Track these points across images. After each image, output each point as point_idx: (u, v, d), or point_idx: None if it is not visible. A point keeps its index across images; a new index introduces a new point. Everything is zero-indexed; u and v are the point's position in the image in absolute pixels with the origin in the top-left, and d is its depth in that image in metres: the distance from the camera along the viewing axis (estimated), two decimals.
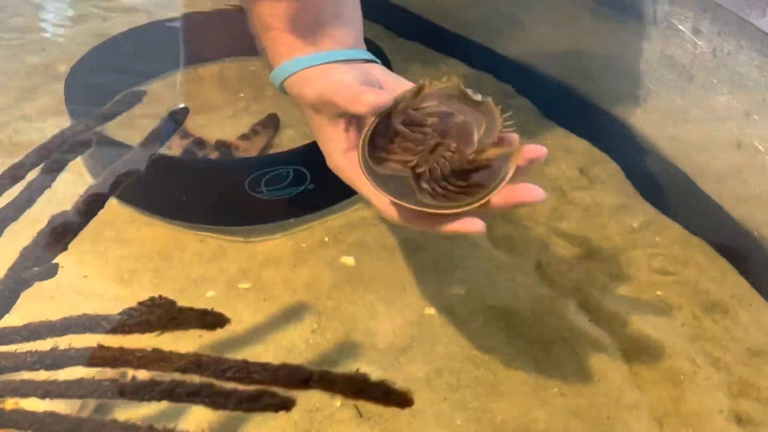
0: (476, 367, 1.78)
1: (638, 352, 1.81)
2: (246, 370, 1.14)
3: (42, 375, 1.26)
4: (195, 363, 1.17)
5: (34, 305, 1.37)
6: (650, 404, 1.71)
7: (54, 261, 1.45)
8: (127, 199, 2.17)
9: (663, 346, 1.82)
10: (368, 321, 1.87)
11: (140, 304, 1.28)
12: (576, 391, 1.73)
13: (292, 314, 1.88)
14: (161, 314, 1.25)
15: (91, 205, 1.56)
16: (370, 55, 1.66)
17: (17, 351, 1.28)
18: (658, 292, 1.97)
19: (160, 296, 1.28)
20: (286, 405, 1.10)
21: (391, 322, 1.86)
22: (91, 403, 1.57)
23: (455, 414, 1.68)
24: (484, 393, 1.72)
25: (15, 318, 1.37)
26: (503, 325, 1.87)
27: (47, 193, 1.64)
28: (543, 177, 2.36)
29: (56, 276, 1.44)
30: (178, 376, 1.18)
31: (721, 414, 1.69)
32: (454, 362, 1.78)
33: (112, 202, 2.13)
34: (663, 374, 1.77)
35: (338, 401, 1.59)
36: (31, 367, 1.25)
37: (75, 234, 1.49)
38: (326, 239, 2.11)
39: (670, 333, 1.86)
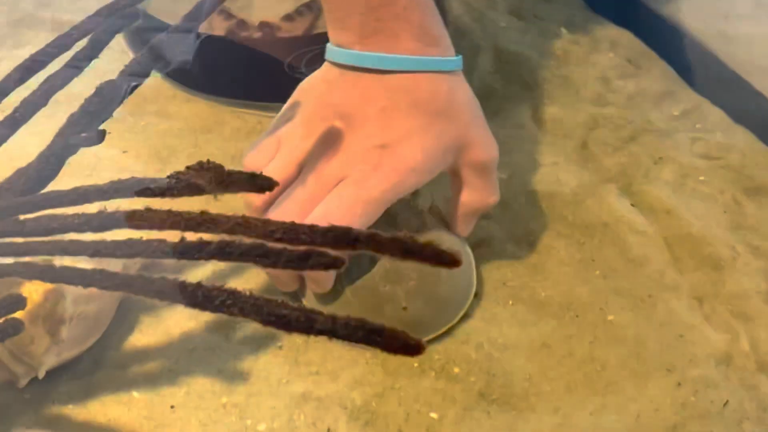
0: (518, 248, 1.79)
1: (679, 238, 1.82)
2: (294, 232, 1.13)
3: (89, 237, 1.26)
4: (243, 225, 1.16)
5: (74, 181, 1.37)
6: (690, 286, 1.72)
7: (101, 128, 1.45)
8: (168, 74, 2.16)
9: (704, 233, 1.82)
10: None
11: (188, 168, 1.27)
12: (617, 273, 1.74)
13: None
14: (210, 177, 1.24)
15: (136, 76, 1.54)
16: None
17: (65, 214, 1.28)
18: (701, 178, 1.97)
19: (208, 160, 1.27)
20: (336, 264, 1.09)
21: (431, 200, 1.86)
22: (134, 268, 1.58)
23: (498, 290, 1.70)
24: (526, 272, 1.74)
25: None
26: (545, 208, 1.88)
27: (91, 68, 1.63)
28: (587, 64, 2.34)
29: (95, 150, 1.44)
30: (226, 237, 1.17)
31: (759, 295, 1.70)
32: (494, 242, 1.79)
33: (154, 78, 2.13)
34: (703, 260, 1.78)
35: None
36: (79, 229, 1.25)
37: (121, 101, 1.49)
38: None
39: (711, 219, 1.86)
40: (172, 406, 1.49)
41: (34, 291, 1.41)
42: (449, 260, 1.06)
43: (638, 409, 1.50)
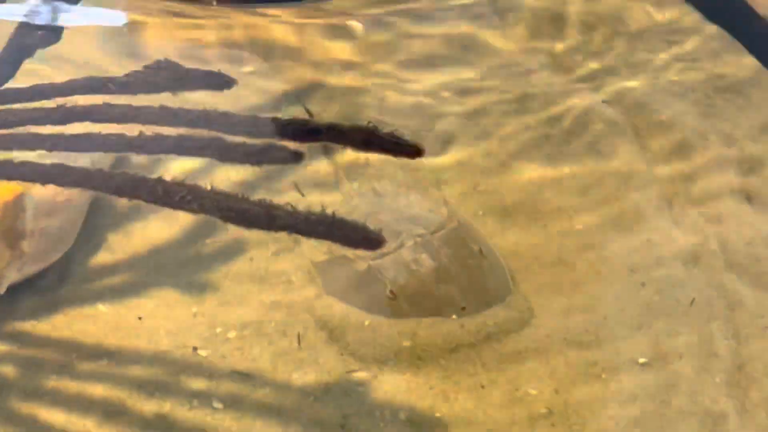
0: (487, 154, 1.78)
1: (650, 130, 1.81)
2: (255, 125, 1.12)
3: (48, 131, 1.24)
4: (203, 117, 1.15)
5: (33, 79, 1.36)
6: (660, 184, 1.71)
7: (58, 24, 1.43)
8: None
9: (674, 124, 1.82)
10: (377, 97, 1.88)
11: (146, 67, 1.25)
12: (587, 171, 1.74)
13: (299, 88, 1.89)
14: (167, 75, 1.22)
15: None
16: None
17: (23, 107, 1.26)
18: (674, 78, 1.95)
19: (165, 59, 1.26)
20: (296, 158, 1.08)
21: (402, 100, 1.87)
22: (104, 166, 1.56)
23: (469, 198, 1.69)
24: (495, 176, 1.73)
25: None
26: (516, 107, 1.87)
27: None
28: None
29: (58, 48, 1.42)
30: (185, 132, 1.16)
31: (731, 193, 1.70)
32: (465, 140, 1.79)
33: None
34: (674, 151, 1.77)
35: None
36: (38, 122, 1.23)
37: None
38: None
39: (682, 112, 1.86)
40: (139, 317, 1.48)
41: None
42: (412, 149, 1.05)
43: (605, 310, 1.50)
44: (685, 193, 1.69)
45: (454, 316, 1.48)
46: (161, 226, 1.60)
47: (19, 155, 1.24)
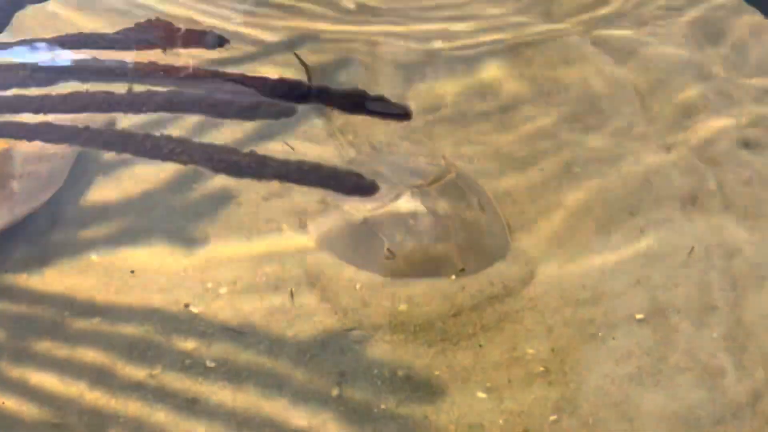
0: (482, 99, 1.78)
1: (648, 86, 1.81)
2: (243, 83, 1.12)
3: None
4: (192, 76, 1.14)
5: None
6: (659, 135, 1.70)
7: None
8: None
9: (672, 78, 1.82)
10: (369, 52, 1.88)
11: (138, 24, 1.24)
12: (584, 124, 1.73)
13: (292, 39, 1.90)
14: (160, 34, 1.22)
15: None
16: None
17: (7, 65, 1.25)
18: (662, 28, 1.97)
19: (157, 18, 1.25)
20: (288, 112, 1.08)
21: (394, 55, 1.87)
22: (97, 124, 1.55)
23: (462, 147, 1.69)
24: (491, 127, 1.73)
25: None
26: (510, 58, 1.87)
27: None
28: None
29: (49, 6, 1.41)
30: (175, 89, 1.15)
31: (730, 140, 1.69)
32: (460, 97, 1.79)
33: None
34: (673, 107, 1.77)
35: None
36: (23, 83, 1.22)
37: None
38: None
39: (678, 65, 1.85)
40: (132, 271, 1.46)
41: None
42: (400, 111, 1.06)
43: (602, 262, 1.49)
44: (685, 141, 1.70)
45: (453, 277, 1.46)
46: (149, 171, 1.59)
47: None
